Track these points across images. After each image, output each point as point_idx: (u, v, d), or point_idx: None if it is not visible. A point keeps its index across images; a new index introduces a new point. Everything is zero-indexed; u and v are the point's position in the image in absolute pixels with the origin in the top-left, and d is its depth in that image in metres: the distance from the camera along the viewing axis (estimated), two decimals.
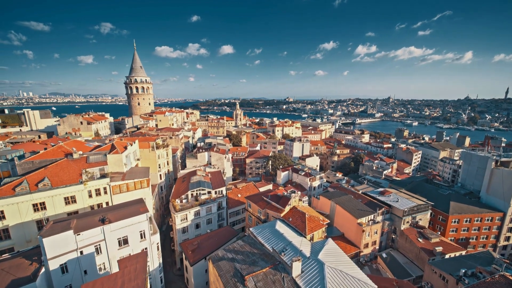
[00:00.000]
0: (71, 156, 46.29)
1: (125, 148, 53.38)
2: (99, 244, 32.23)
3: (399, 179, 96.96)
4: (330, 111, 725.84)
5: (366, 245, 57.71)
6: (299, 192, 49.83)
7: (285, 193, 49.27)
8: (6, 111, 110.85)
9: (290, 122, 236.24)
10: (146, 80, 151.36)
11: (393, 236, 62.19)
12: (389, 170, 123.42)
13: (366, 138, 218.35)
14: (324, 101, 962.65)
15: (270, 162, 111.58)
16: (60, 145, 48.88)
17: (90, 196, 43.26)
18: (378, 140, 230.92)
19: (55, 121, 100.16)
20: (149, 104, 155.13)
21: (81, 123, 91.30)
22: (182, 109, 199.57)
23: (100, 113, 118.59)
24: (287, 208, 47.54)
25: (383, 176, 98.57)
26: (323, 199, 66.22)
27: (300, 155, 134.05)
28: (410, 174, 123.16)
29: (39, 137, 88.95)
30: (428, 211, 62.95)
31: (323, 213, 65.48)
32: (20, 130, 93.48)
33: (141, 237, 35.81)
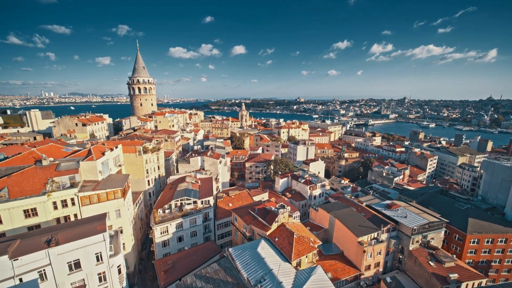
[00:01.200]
0: (40, 163, 42.92)
1: (103, 154, 49.62)
2: (44, 269, 28.09)
3: (411, 188, 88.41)
4: (342, 111, 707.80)
5: (368, 267, 50.88)
6: (289, 207, 43.94)
7: (273, 208, 43.59)
8: (8, 111, 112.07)
9: (298, 123, 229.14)
10: (148, 80, 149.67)
11: (400, 257, 54.95)
12: (401, 177, 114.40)
13: (377, 140, 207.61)
14: (336, 102, 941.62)
15: (271, 166, 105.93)
16: (32, 151, 45.74)
17: (56, 208, 39.58)
18: (390, 143, 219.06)
19: (50, 122, 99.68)
20: (152, 105, 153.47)
21: (76, 124, 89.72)
22: (185, 110, 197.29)
23: (98, 114, 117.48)
24: (274, 226, 41.87)
25: (393, 185, 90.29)
26: (321, 211, 59.86)
27: (304, 159, 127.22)
28: (424, 182, 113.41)
29: (35, 138, 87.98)
30: (442, 230, 55.14)
31: (322, 226, 59.35)
32: (18, 131, 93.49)
33: (98, 260, 31.46)
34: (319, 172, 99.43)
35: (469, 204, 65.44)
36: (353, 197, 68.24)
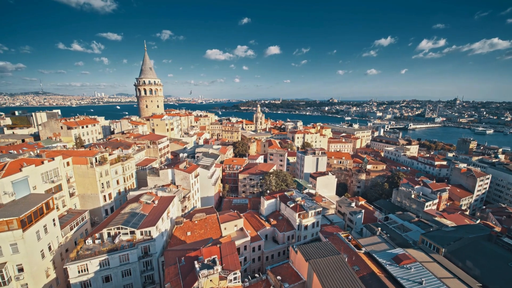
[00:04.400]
0: None
1: (21, 169, 41.37)
2: None
3: (445, 222, 65.91)
4: (379, 114, 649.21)
5: None
6: (219, 268, 29.74)
7: (196, 266, 29.80)
8: (17, 112, 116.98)
9: (319, 127, 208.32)
10: (155, 82, 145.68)
11: None
12: (435, 201, 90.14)
13: (413, 150, 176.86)
14: (373, 103, 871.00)
15: (272, 180, 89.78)
16: None
17: None
18: (431, 153, 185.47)
19: (38, 125, 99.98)
20: (158, 106, 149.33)
21: (61, 128, 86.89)
22: (190, 112, 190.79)
23: (93, 116, 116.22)
24: None
25: (417, 218, 68.54)
26: (300, 256, 44.15)
27: (313, 171, 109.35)
28: (468, 212, 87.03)
29: (23, 141, 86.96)
30: None
31: (300, 276, 43.68)
32: (13, 132, 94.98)
33: None
34: (315, 193, 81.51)
35: None
36: (350, 237, 50.43)
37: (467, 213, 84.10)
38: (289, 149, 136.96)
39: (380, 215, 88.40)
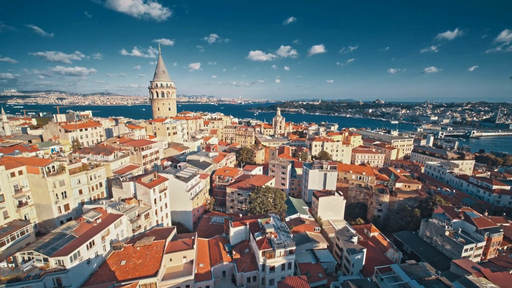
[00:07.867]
0: None
1: None
2: None
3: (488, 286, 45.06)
4: (433, 117, 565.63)
5: None
6: None
7: None
8: (41, 114, 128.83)
9: (347, 134, 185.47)
10: (167, 84, 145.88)
11: None
12: (480, 244, 67.01)
13: (465, 166, 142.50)
14: (428, 105, 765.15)
15: (266, 196, 77.41)
16: None
17: None
18: (492, 171, 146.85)
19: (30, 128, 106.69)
20: (169, 109, 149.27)
21: (60, 130, 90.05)
22: (200, 114, 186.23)
23: (96, 119, 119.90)
24: None
25: (433, 275, 48.82)
26: None
27: (320, 188, 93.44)
28: None
29: (30, 141, 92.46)
30: None
31: None
32: (27, 133, 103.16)
33: None
34: (306, 219, 66.43)
35: None
36: None
37: None
38: (299, 159, 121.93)
39: (395, 255, 69.51)
